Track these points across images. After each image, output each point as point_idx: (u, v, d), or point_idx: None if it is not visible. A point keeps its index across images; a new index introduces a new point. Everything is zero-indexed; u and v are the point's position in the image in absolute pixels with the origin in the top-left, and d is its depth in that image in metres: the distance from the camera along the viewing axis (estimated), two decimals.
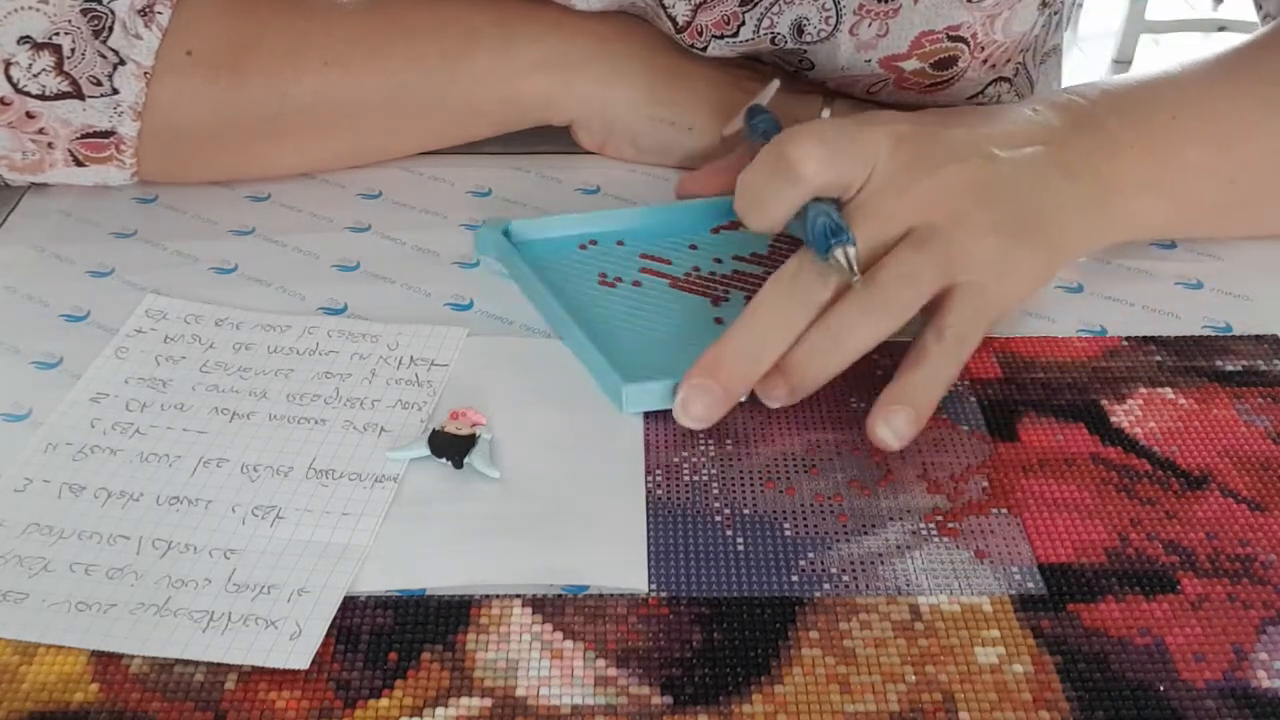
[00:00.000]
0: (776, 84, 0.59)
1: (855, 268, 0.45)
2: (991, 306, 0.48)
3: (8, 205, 0.61)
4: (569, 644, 0.38)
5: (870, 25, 0.59)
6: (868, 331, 0.46)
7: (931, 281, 0.46)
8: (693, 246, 0.57)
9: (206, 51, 0.58)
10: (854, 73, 0.62)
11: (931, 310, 0.47)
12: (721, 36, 0.61)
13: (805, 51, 0.61)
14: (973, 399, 0.48)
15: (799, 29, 0.60)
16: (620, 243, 0.57)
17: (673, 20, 0.60)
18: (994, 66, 0.62)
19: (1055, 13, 0.65)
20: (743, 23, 0.60)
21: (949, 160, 0.48)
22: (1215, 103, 0.56)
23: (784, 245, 0.57)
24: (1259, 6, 0.63)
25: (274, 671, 0.37)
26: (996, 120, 0.52)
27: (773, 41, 0.61)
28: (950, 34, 0.59)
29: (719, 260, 0.56)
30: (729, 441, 0.46)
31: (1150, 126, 0.54)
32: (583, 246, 0.57)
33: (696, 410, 0.45)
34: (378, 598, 0.40)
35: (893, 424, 0.45)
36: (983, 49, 0.60)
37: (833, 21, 0.59)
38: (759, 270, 0.55)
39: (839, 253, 0.45)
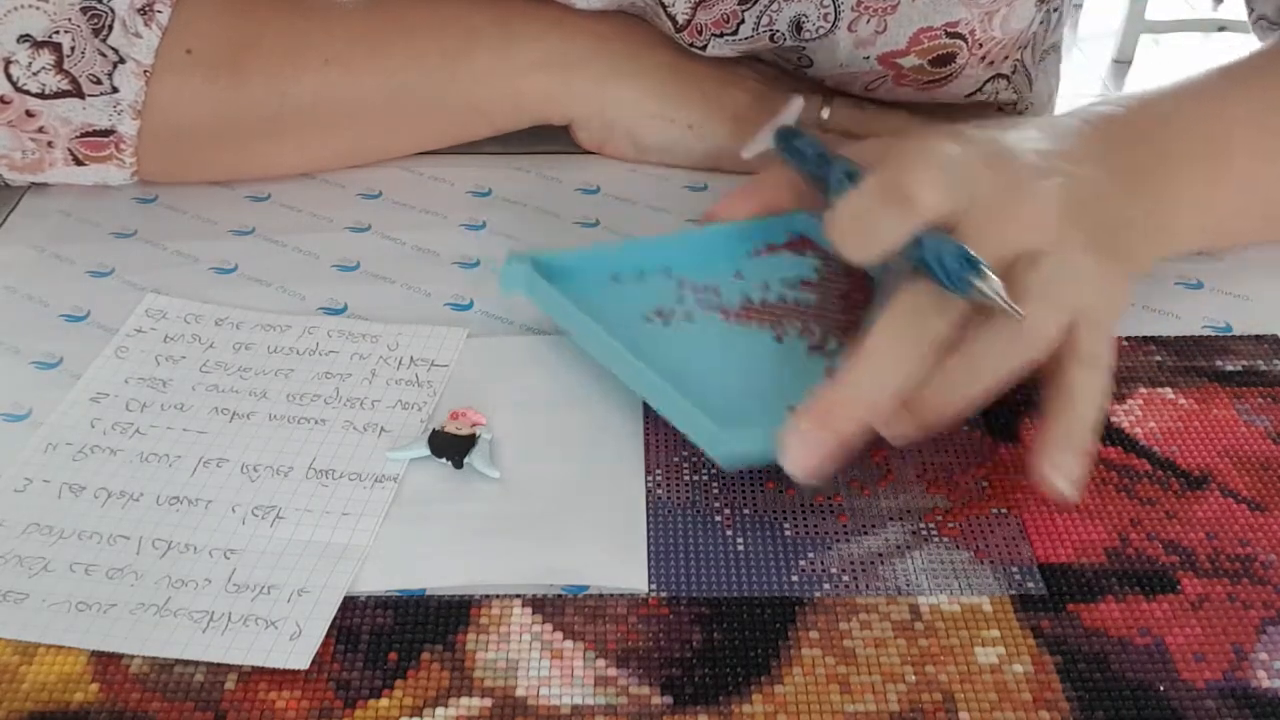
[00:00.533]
0: (800, 102, 0.56)
1: (1007, 299, 0.41)
2: (1111, 326, 0.45)
3: (8, 205, 0.61)
4: (569, 644, 0.38)
5: (869, 22, 0.59)
6: (1013, 362, 0.42)
7: (1066, 306, 0.43)
8: (738, 275, 0.53)
9: (206, 50, 0.58)
10: (852, 69, 0.62)
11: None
12: (721, 35, 0.60)
13: (804, 49, 0.61)
14: None
15: (798, 26, 0.60)
16: (666, 271, 0.53)
17: (672, 19, 0.60)
18: (992, 64, 0.62)
19: (1054, 10, 0.65)
20: (742, 20, 0.60)
21: (1037, 178, 0.46)
22: (1263, 115, 0.55)
23: (832, 271, 0.53)
24: (1250, 10, 0.63)
25: (274, 671, 0.37)
26: (1053, 136, 0.50)
27: (772, 39, 0.61)
28: (948, 30, 0.59)
29: (767, 287, 0.52)
30: None
31: (1199, 139, 0.53)
32: (615, 278, 0.52)
33: (808, 463, 0.41)
34: (378, 598, 0.40)
35: (1066, 471, 0.42)
36: (981, 46, 0.60)
37: (831, 18, 0.59)
38: (812, 298, 0.52)
39: (985, 285, 0.40)
